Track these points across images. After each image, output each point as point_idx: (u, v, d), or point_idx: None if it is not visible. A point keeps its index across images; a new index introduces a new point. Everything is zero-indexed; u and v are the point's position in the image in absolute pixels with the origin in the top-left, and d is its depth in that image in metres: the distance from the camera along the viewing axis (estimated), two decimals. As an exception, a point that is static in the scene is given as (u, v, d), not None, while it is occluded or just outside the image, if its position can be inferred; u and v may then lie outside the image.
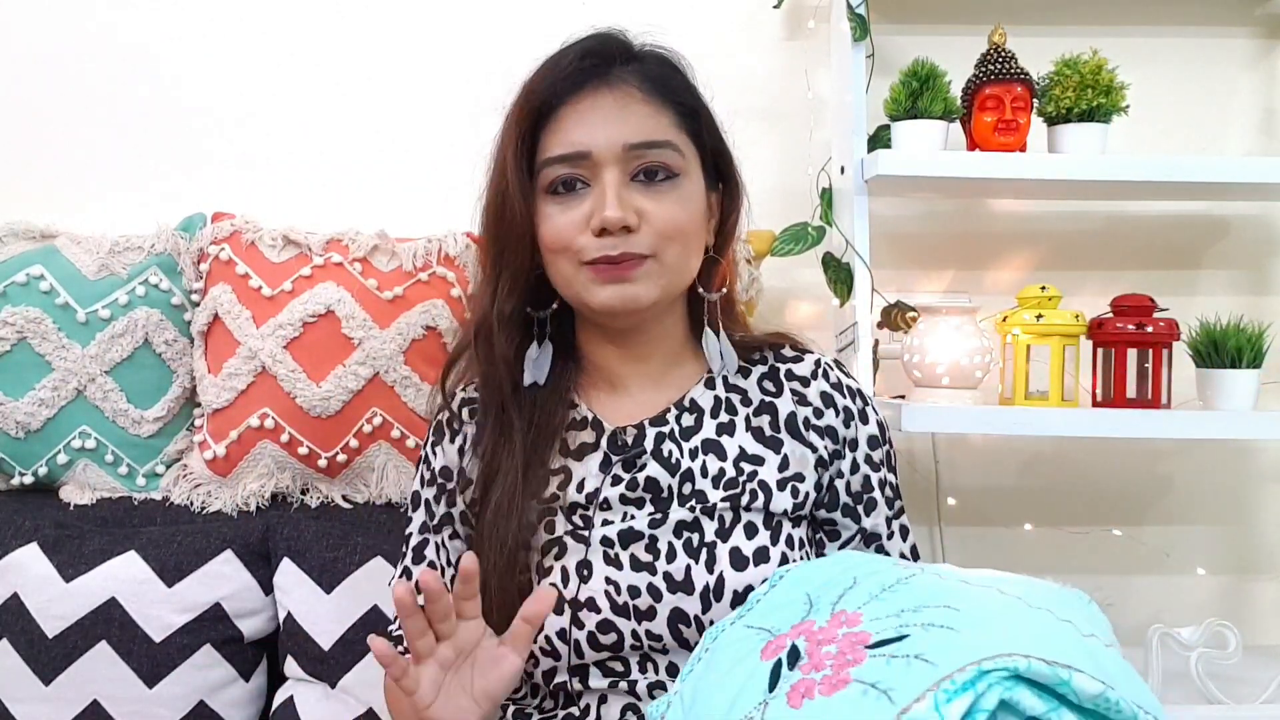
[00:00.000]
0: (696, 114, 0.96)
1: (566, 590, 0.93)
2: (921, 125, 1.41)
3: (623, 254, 0.91)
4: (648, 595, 0.92)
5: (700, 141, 0.96)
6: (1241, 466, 1.66)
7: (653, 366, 1.00)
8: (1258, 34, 1.62)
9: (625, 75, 0.94)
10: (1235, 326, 1.37)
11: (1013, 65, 1.42)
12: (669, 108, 0.94)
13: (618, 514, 0.95)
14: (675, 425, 0.98)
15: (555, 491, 0.96)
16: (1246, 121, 1.63)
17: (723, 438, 0.98)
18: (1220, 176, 1.41)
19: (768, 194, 1.60)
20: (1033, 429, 1.36)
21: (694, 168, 0.95)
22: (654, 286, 0.93)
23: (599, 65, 0.94)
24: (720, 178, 1.00)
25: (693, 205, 0.94)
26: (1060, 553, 1.61)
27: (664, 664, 0.93)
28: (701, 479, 0.96)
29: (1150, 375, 1.36)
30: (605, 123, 0.92)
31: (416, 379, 1.33)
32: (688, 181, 0.94)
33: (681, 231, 0.93)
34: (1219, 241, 1.64)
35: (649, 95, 0.93)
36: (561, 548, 0.95)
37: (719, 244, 1.00)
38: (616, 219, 0.90)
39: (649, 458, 0.96)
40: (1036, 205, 1.62)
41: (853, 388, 1.02)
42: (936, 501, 1.59)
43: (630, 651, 0.93)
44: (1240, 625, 1.29)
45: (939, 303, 1.45)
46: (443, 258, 1.36)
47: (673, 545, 0.93)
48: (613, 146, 0.91)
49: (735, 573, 0.92)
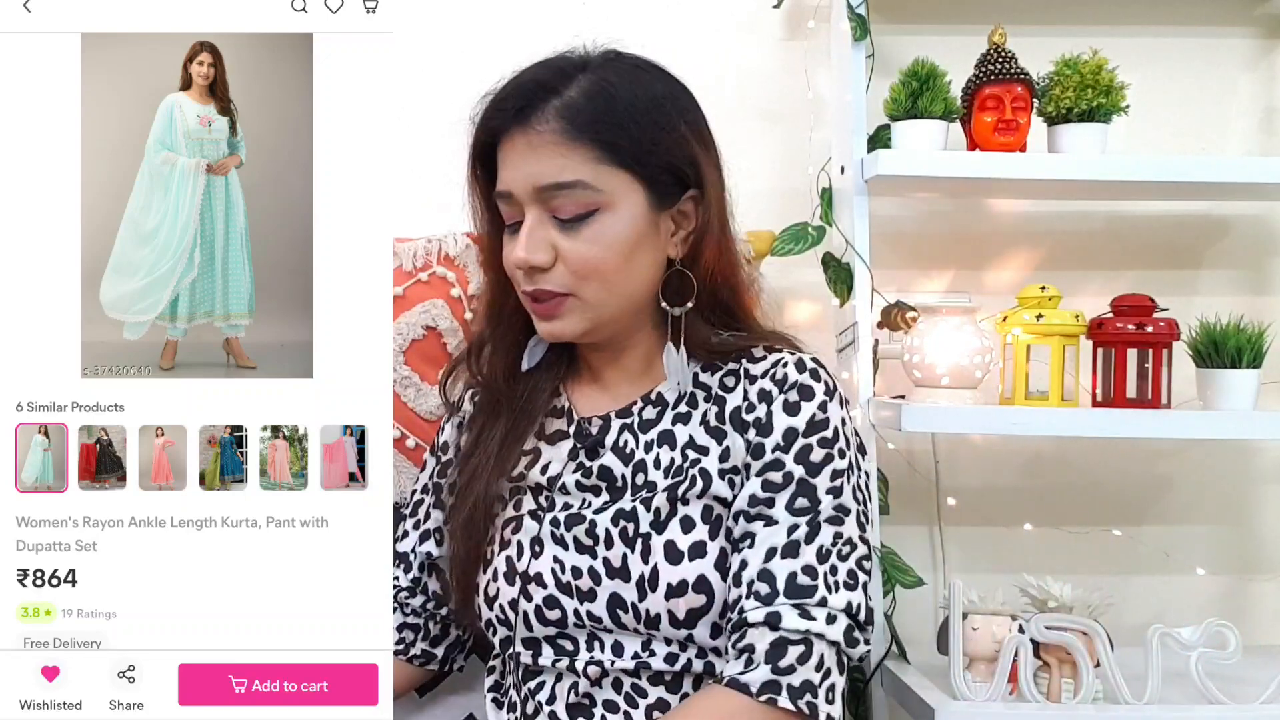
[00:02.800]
0: (625, 143, 0.94)
1: (520, 563, 1.00)
2: (921, 125, 1.41)
3: (538, 290, 0.96)
4: (588, 578, 0.96)
5: (640, 166, 0.95)
6: (1241, 466, 1.66)
7: (631, 363, 1.04)
8: (1258, 34, 1.62)
9: (545, 115, 0.94)
10: (1235, 326, 1.37)
11: (1013, 65, 1.42)
12: (584, 145, 0.93)
13: (576, 499, 1.01)
14: (637, 418, 1.02)
15: (523, 470, 1.03)
16: (1246, 121, 1.63)
17: (676, 427, 1.00)
18: (1220, 176, 1.41)
19: (768, 194, 1.60)
20: (1033, 429, 1.36)
21: (624, 196, 0.94)
22: (578, 321, 0.96)
23: (522, 108, 0.94)
24: (690, 186, 0.98)
25: (619, 237, 0.94)
26: (1060, 553, 1.61)
27: (609, 643, 0.98)
28: (654, 470, 0.99)
29: (1150, 375, 1.36)
30: (521, 164, 0.94)
31: (417, 379, 1.33)
32: (611, 214, 0.94)
33: (597, 270, 0.94)
34: (1219, 241, 1.64)
35: (562, 135, 0.93)
36: (519, 524, 1.01)
37: (693, 253, 0.99)
38: (520, 260, 0.95)
39: (608, 449, 1.01)
40: (1036, 205, 1.62)
41: (801, 383, 0.97)
42: (936, 501, 1.59)
43: (575, 629, 0.98)
44: (1240, 625, 1.29)
45: (939, 303, 1.45)
46: (443, 258, 1.37)
47: (609, 532, 0.97)
48: (527, 188, 0.94)
49: (670, 566, 0.94)
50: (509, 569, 1.01)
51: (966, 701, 1.24)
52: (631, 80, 0.96)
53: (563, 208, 0.94)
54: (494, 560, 1.02)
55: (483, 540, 1.03)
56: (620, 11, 1.60)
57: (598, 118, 0.93)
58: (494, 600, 1.01)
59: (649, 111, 0.95)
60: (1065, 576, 1.32)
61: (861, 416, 1.42)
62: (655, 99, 0.96)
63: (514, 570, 1.00)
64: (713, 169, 1.00)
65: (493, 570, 1.02)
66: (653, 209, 0.97)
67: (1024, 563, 1.57)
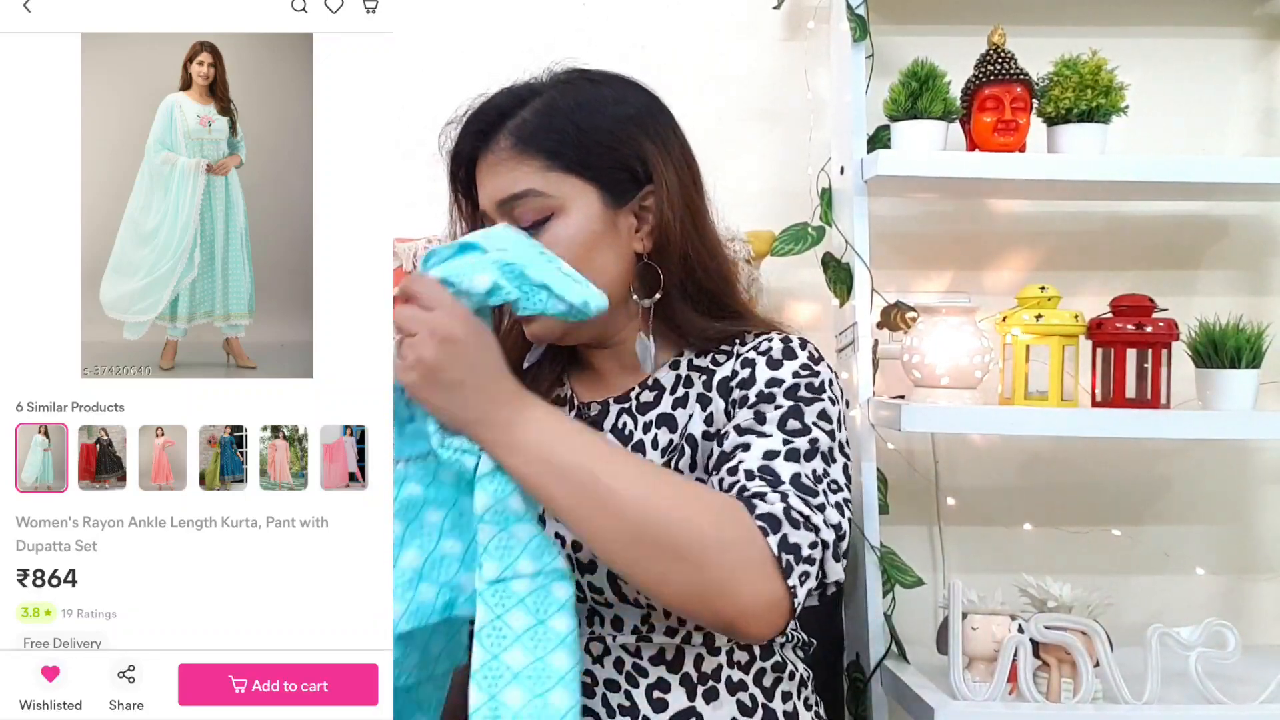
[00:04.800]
0: (568, 149, 0.98)
1: None
2: (921, 125, 1.41)
3: None
4: (588, 550, 0.96)
5: (586, 169, 0.99)
6: (1241, 466, 1.66)
7: (625, 355, 1.06)
8: (1258, 34, 1.63)
9: (499, 136, 1.00)
10: (1235, 327, 1.37)
11: (1012, 65, 1.42)
12: (531, 156, 0.99)
13: None
14: (635, 402, 1.04)
15: None
16: (1246, 121, 1.63)
17: (677, 411, 1.02)
18: (1220, 176, 1.41)
19: (768, 194, 1.60)
20: (1032, 429, 1.36)
21: (576, 199, 0.99)
22: (553, 321, 0.96)
23: (481, 130, 1.02)
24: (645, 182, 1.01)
25: (574, 238, 0.98)
26: (1060, 553, 1.61)
27: (609, 617, 1.00)
28: (652, 450, 1.01)
29: (1149, 375, 1.36)
30: (486, 184, 1.01)
31: (416, 379, 1.33)
32: (565, 217, 0.98)
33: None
34: (1218, 241, 1.64)
35: (512, 150, 0.99)
36: None
37: (660, 245, 1.01)
38: None
39: (607, 431, 1.03)
40: (1036, 205, 1.63)
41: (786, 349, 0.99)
42: (936, 501, 1.60)
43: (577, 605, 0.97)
44: (1240, 625, 1.29)
45: (939, 303, 1.45)
46: (443, 258, 1.37)
47: None
48: (492, 205, 1.00)
49: None
50: None
51: (966, 701, 1.24)
52: (576, 91, 1.02)
53: (523, 216, 0.98)
54: None
55: None
56: (620, 12, 1.60)
57: (544, 131, 0.99)
58: None
59: (590, 116, 1.00)
60: (1065, 576, 1.32)
61: (861, 416, 1.42)
62: (597, 104, 1.01)
63: None
64: (668, 162, 1.02)
65: None
66: (609, 208, 1.00)
67: (1023, 563, 1.57)
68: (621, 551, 0.83)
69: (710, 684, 0.98)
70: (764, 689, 1.00)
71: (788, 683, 1.02)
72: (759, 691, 1.00)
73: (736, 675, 0.99)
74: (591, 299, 0.89)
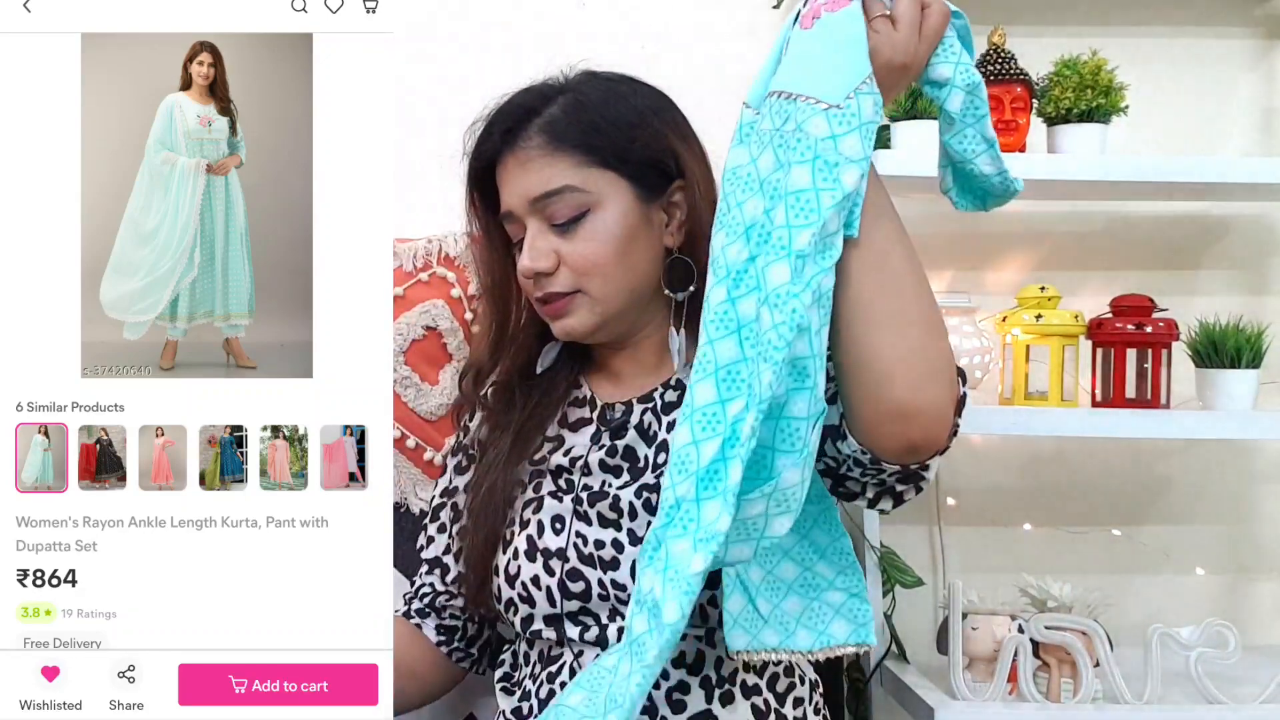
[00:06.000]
0: (604, 144, 1.00)
1: (541, 540, 1.01)
2: (921, 125, 1.41)
3: (546, 294, 1.01)
4: (611, 548, 0.98)
5: (621, 164, 1.00)
6: (1241, 466, 1.66)
7: (644, 355, 1.07)
8: (1258, 34, 1.63)
9: (528, 133, 1.01)
10: (1234, 327, 1.37)
11: (1012, 65, 1.42)
12: (565, 152, 1.00)
13: (598, 479, 1.02)
14: (659, 401, 1.04)
15: (545, 455, 1.06)
16: (1246, 121, 1.63)
17: None
18: (1220, 176, 1.41)
19: (767, 194, 1.60)
20: (1032, 429, 1.36)
21: (611, 194, 1.00)
22: (588, 315, 1.01)
23: (509, 129, 1.02)
24: (675, 176, 1.02)
25: (611, 232, 1.00)
26: (1060, 553, 1.61)
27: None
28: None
29: (1149, 375, 1.36)
30: (514, 182, 1.01)
31: (417, 379, 1.33)
32: (601, 212, 1.00)
33: (596, 264, 1.00)
34: (1218, 241, 1.64)
35: (544, 147, 1.00)
36: (540, 504, 1.03)
37: (690, 239, 1.02)
38: (526, 268, 1.01)
39: (632, 430, 1.03)
40: (1036, 205, 1.62)
41: None
42: (936, 501, 1.60)
43: (599, 602, 0.98)
44: (1240, 625, 1.29)
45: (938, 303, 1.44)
46: (443, 258, 1.37)
47: (633, 505, 0.99)
48: (523, 203, 1.01)
49: None
50: (530, 547, 1.01)
51: (966, 701, 1.24)
52: (605, 90, 1.03)
53: (557, 213, 0.99)
54: (514, 540, 1.03)
55: (500, 523, 1.05)
56: (620, 12, 1.60)
57: (576, 126, 1.00)
58: (515, 578, 1.01)
59: (623, 114, 1.02)
60: (1065, 576, 1.32)
61: (861, 416, 1.42)
62: (628, 102, 1.03)
63: (535, 547, 1.01)
64: (695, 159, 1.04)
65: (513, 550, 1.02)
66: (642, 202, 1.01)
67: (1023, 563, 1.57)
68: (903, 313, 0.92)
69: (727, 687, 0.98)
70: (777, 694, 1.00)
71: (800, 688, 1.02)
72: (772, 696, 0.99)
73: (752, 679, 0.99)
74: (1018, 182, 0.94)
